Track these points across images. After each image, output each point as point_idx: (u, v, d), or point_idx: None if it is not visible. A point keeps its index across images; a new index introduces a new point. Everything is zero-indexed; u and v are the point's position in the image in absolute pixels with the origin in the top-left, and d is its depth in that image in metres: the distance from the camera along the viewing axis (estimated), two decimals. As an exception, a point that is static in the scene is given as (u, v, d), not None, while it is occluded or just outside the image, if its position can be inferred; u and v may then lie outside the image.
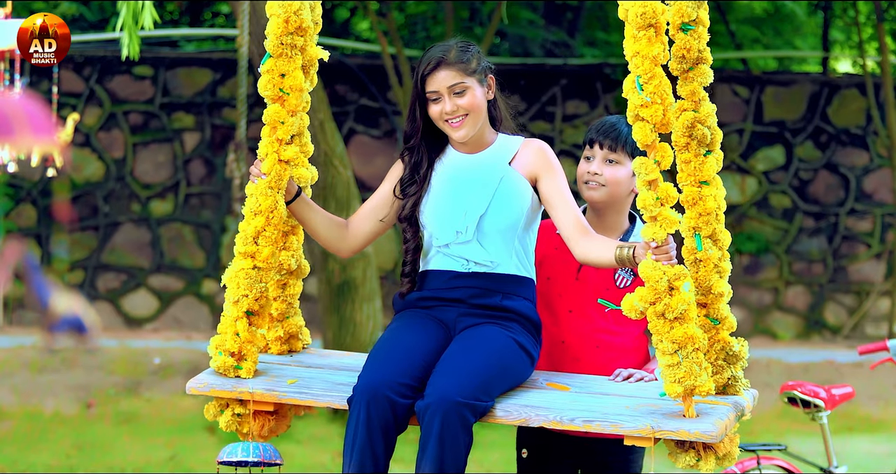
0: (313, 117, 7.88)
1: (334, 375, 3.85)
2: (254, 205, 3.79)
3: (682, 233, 3.68)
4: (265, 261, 3.78)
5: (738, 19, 12.63)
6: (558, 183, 3.94)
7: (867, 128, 11.66)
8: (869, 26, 12.11)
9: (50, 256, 11.10)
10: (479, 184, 3.90)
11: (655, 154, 3.53)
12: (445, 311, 3.88)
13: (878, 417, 9.13)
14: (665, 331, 3.49)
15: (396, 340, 3.77)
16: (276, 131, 3.82)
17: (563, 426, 3.56)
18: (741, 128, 11.62)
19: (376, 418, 3.56)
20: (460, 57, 3.90)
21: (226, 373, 3.76)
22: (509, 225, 3.88)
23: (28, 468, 7.17)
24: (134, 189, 11.18)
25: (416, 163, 3.96)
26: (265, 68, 3.82)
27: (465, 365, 3.62)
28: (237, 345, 3.76)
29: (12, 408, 8.61)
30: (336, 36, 12.16)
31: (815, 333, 11.61)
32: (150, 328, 11.05)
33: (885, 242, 11.70)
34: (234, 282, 3.76)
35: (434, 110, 3.90)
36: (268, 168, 3.79)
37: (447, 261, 3.90)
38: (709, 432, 3.47)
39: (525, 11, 11.66)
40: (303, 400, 3.72)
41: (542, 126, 11.50)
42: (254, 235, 3.78)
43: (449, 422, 3.51)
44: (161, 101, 11.20)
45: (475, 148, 3.96)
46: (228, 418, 3.78)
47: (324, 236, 3.97)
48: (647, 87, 3.50)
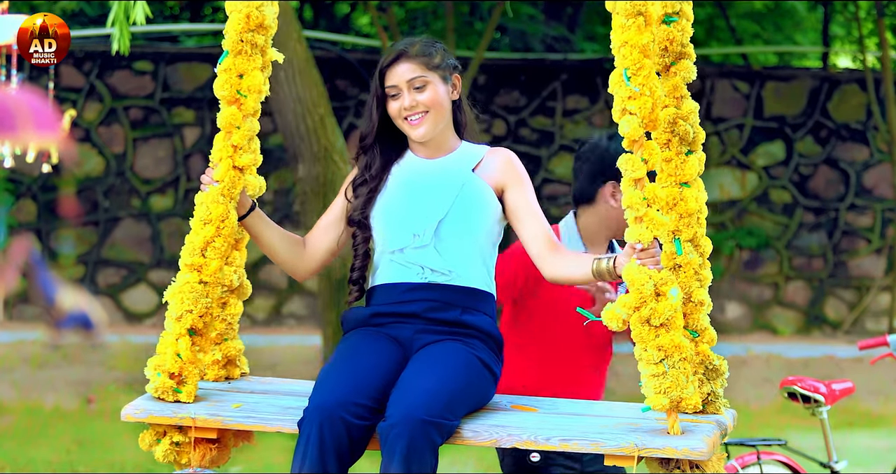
0: (313, 112, 7.88)
1: (281, 400, 3.56)
2: (204, 213, 3.49)
3: (660, 237, 3.45)
4: (212, 275, 3.49)
5: (739, 14, 12.62)
6: (527, 195, 3.64)
7: (867, 123, 11.66)
8: (869, 21, 12.10)
9: (51, 251, 11.10)
10: (439, 188, 3.62)
11: (643, 151, 3.33)
12: (401, 328, 3.56)
13: (878, 412, 9.13)
14: (650, 339, 3.27)
15: (349, 359, 3.46)
16: (230, 136, 3.56)
17: (538, 446, 3.31)
18: (741, 124, 11.61)
19: (330, 440, 3.28)
20: (423, 51, 3.65)
21: (164, 397, 3.45)
22: (470, 232, 3.58)
23: (28, 463, 7.17)
24: (134, 184, 11.18)
25: (367, 163, 3.70)
26: (222, 67, 3.54)
27: (428, 383, 3.34)
28: (178, 366, 3.45)
29: (12, 403, 8.61)
30: (336, 31, 12.15)
31: (816, 328, 11.61)
32: (150, 323, 11.05)
33: (885, 237, 11.70)
34: (178, 297, 3.46)
35: (392, 107, 3.64)
36: (221, 174, 3.52)
37: (400, 271, 3.59)
38: (698, 449, 3.22)
39: (525, 6, 11.65)
40: (249, 424, 3.42)
41: (542, 121, 11.49)
42: (202, 246, 3.49)
43: (415, 443, 3.23)
44: (161, 96, 11.20)
45: (436, 152, 3.68)
46: (166, 447, 3.46)
47: (281, 254, 3.68)
48: (636, 79, 3.30)
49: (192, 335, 3.48)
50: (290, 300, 11.01)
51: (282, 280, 10.91)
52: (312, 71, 7.83)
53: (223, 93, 3.54)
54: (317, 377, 3.47)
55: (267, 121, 10.89)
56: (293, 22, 7.75)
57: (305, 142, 7.91)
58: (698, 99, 3.98)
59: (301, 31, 7.91)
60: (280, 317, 11.03)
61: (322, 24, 12.28)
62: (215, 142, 3.58)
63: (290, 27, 7.57)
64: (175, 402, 3.45)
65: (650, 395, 3.28)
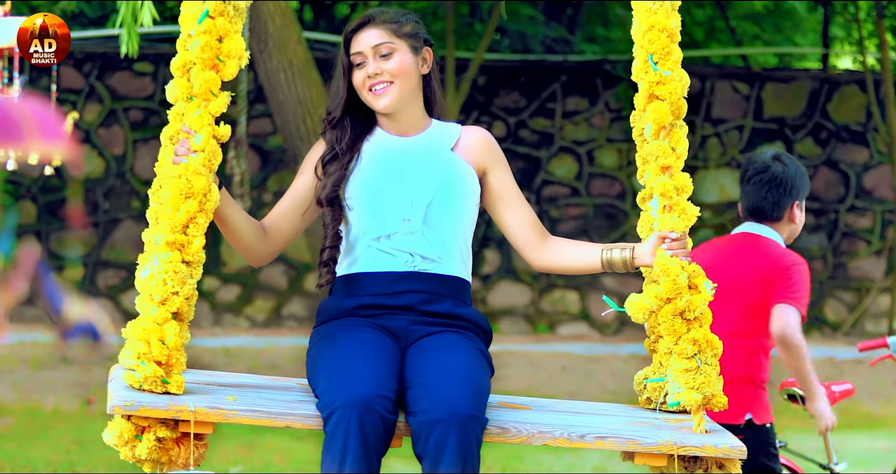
0: (314, 113, 7.88)
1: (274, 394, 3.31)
2: (184, 187, 3.20)
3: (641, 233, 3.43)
4: (195, 254, 3.23)
5: (739, 16, 12.63)
6: (510, 178, 3.49)
7: (867, 124, 11.66)
8: (869, 23, 12.10)
9: (51, 254, 11.09)
10: (421, 168, 3.42)
11: (671, 139, 3.31)
12: (394, 319, 3.37)
13: (878, 414, 9.13)
14: (683, 332, 3.21)
15: (358, 350, 3.24)
16: (208, 104, 3.25)
17: (571, 443, 3.15)
18: (741, 125, 11.61)
19: (372, 435, 3.07)
20: (393, 18, 3.44)
21: (152, 388, 3.12)
22: (457, 216, 3.41)
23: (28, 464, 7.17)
24: (134, 185, 11.18)
25: (336, 137, 3.45)
26: (201, 29, 3.23)
27: (461, 376, 3.17)
28: (165, 354, 3.12)
29: (12, 404, 8.61)
30: (336, 32, 12.15)
31: (815, 330, 11.61)
32: (150, 324, 11.05)
33: (885, 239, 11.70)
34: (160, 279, 3.14)
35: (357, 76, 3.41)
36: (203, 144, 3.22)
37: (384, 259, 3.38)
38: (737, 447, 3.16)
39: (525, 8, 11.65)
40: (257, 419, 3.11)
41: (542, 122, 11.49)
42: (184, 223, 3.21)
43: (465, 440, 3.06)
44: (161, 98, 11.20)
45: (409, 130, 3.47)
46: (151, 445, 3.10)
47: (246, 240, 3.42)
48: (665, 64, 3.26)
49: (175, 319, 3.16)
50: (289, 301, 11.00)
51: (282, 281, 10.91)
52: (312, 72, 7.83)
53: (203, 55, 3.22)
54: (316, 367, 3.27)
55: (267, 122, 10.90)
56: (293, 23, 7.75)
57: (305, 144, 7.91)
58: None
59: (301, 33, 7.92)
60: (280, 318, 11.02)
61: (322, 25, 12.28)
62: (189, 109, 3.26)
63: (290, 28, 7.58)
64: (164, 394, 3.12)
65: (680, 391, 3.21)
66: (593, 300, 11.50)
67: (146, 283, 3.17)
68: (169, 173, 3.25)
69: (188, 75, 3.29)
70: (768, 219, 4.36)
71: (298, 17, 11.18)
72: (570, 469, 7.38)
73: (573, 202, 11.53)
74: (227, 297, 11.03)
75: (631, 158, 11.51)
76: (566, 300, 11.49)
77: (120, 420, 3.15)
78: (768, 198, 4.32)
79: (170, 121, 3.33)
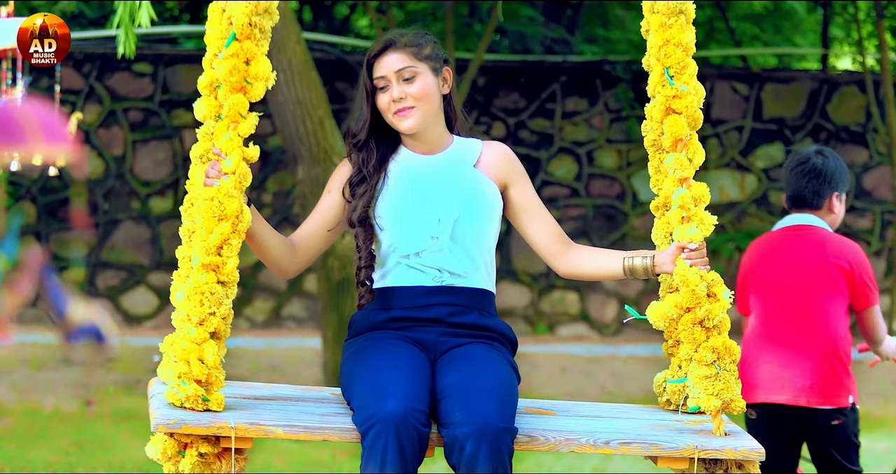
0: (313, 114, 7.88)
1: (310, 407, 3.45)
2: (216, 209, 3.28)
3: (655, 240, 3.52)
4: (230, 274, 3.32)
5: (738, 16, 12.63)
6: (531, 190, 3.62)
7: (867, 125, 11.66)
8: (869, 23, 12.10)
9: (52, 255, 11.09)
10: (446, 186, 3.53)
11: (688, 150, 3.37)
12: (423, 332, 3.49)
13: (877, 415, 9.13)
14: (702, 340, 3.28)
15: (391, 365, 3.34)
16: (237, 126, 3.35)
17: (597, 450, 3.26)
18: (741, 126, 11.62)
19: (409, 448, 3.17)
20: (413, 41, 3.53)
21: (194, 406, 3.24)
22: (481, 232, 3.53)
23: (27, 465, 7.17)
24: (133, 186, 11.18)
25: (363, 159, 3.56)
26: (229, 52, 3.32)
27: (490, 388, 3.27)
28: (204, 373, 3.24)
29: (12, 405, 8.60)
30: (336, 33, 12.15)
31: (815, 330, 11.60)
32: (149, 325, 11.05)
33: (884, 239, 11.70)
34: (197, 300, 3.27)
35: (381, 100, 3.54)
36: (234, 166, 3.30)
37: (413, 275, 3.50)
38: (756, 449, 3.26)
39: (525, 8, 11.65)
40: (296, 434, 3.25)
41: (541, 123, 11.49)
42: (219, 244, 3.29)
43: (497, 451, 3.16)
44: (161, 98, 11.20)
45: (432, 148, 3.60)
46: (194, 460, 3.23)
47: (274, 253, 3.52)
48: (681, 78, 3.31)
49: (212, 338, 3.30)
50: (289, 302, 11.00)
51: (281, 282, 10.90)
52: (312, 73, 7.83)
53: (231, 78, 3.32)
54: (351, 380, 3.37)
55: (266, 123, 10.89)
56: (292, 23, 7.75)
57: (305, 145, 7.91)
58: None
59: (300, 33, 7.91)
60: (279, 319, 11.02)
61: (321, 26, 12.28)
62: (218, 132, 3.37)
63: (290, 29, 7.58)
64: (205, 411, 3.25)
65: (701, 397, 3.29)
66: (593, 301, 11.50)
67: (184, 304, 3.28)
68: (201, 194, 3.34)
69: (215, 93, 3.39)
70: (809, 206, 4.67)
71: (298, 17, 11.18)
72: (570, 469, 7.38)
73: (573, 203, 11.54)
74: (226, 298, 11.04)
75: (631, 159, 11.52)
76: (566, 301, 11.49)
77: (162, 436, 3.24)
78: (808, 187, 4.63)
79: (199, 139, 3.43)
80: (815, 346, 4.62)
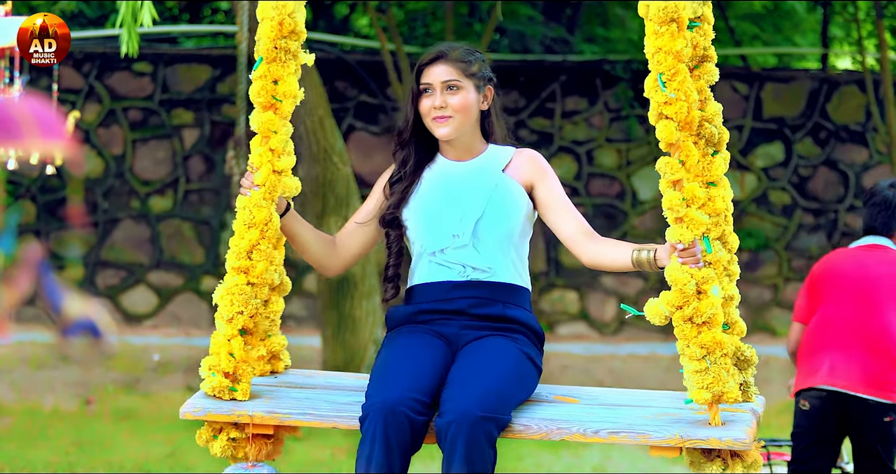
0: (313, 114, 7.89)
1: (333, 395, 3.72)
2: (247, 218, 3.62)
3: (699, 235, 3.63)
4: (259, 276, 3.62)
5: (738, 16, 12.63)
6: (555, 188, 3.82)
7: (866, 124, 11.66)
8: (868, 23, 12.10)
9: (51, 253, 11.09)
10: (473, 188, 3.78)
11: (680, 153, 3.46)
12: (446, 325, 3.72)
13: None
14: (692, 336, 3.41)
15: (402, 356, 3.61)
16: (268, 141, 3.65)
17: (587, 438, 3.46)
18: (740, 125, 11.62)
19: (394, 436, 3.40)
20: (463, 57, 3.80)
21: (220, 396, 3.60)
22: (505, 231, 3.75)
23: (27, 465, 7.17)
24: (133, 185, 11.18)
25: (404, 159, 3.83)
26: (257, 74, 3.64)
27: (481, 379, 3.48)
28: (232, 365, 3.60)
29: (11, 405, 8.61)
30: (335, 32, 12.15)
31: (815, 330, 11.61)
32: (149, 324, 11.05)
33: (884, 239, 11.70)
34: (228, 299, 3.60)
35: (424, 104, 3.79)
36: (263, 178, 3.63)
37: (441, 271, 3.75)
38: (741, 440, 3.39)
39: (524, 8, 11.65)
40: (307, 421, 3.58)
41: (541, 122, 11.50)
42: (248, 249, 3.62)
43: (474, 439, 3.36)
44: (160, 98, 11.20)
45: (465, 155, 3.84)
46: (223, 443, 3.63)
47: (314, 252, 3.82)
48: (672, 84, 3.41)
49: (242, 335, 3.62)
50: (289, 301, 10.97)
51: (281, 281, 10.90)
52: (312, 73, 7.83)
53: (259, 99, 3.62)
54: (371, 372, 3.61)
55: (266, 122, 10.92)
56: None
57: (304, 144, 7.92)
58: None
59: (300, 33, 7.91)
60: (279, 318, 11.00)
61: (321, 26, 12.27)
62: (253, 146, 3.67)
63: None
64: (231, 400, 3.59)
65: (693, 390, 3.42)
66: (592, 300, 11.51)
67: (219, 303, 3.62)
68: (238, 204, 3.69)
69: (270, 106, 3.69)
70: (880, 234, 5.12)
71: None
72: (570, 469, 7.38)
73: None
74: (226, 297, 11.05)
75: (630, 158, 11.52)
76: (565, 300, 11.50)
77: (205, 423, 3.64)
78: (878, 218, 5.10)
79: None
80: (876, 346, 5.00)
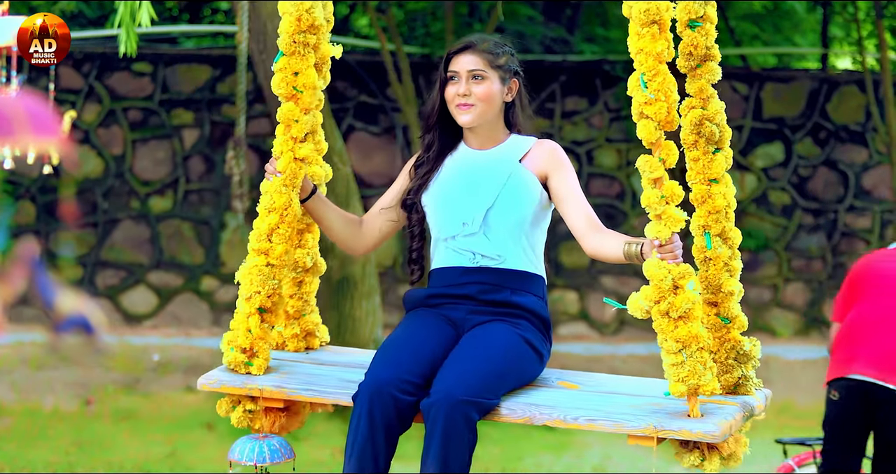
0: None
1: (345, 372, 3.86)
2: (268, 202, 3.80)
3: (692, 231, 3.69)
4: (278, 258, 3.80)
5: (738, 16, 12.63)
6: (569, 180, 3.89)
7: (866, 124, 11.66)
8: (868, 23, 12.10)
9: (50, 253, 11.10)
10: (488, 177, 3.88)
11: (660, 152, 3.51)
12: (454, 309, 3.84)
13: (877, 414, 9.12)
14: (669, 330, 3.48)
15: (405, 338, 3.74)
16: (290, 129, 3.85)
17: (566, 424, 3.56)
18: (740, 125, 11.62)
19: (379, 415, 3.54)
20: (491, 49, 3.92)
21: (237, 370, 3.80)
22: (516, 220, 3.84)
23: (27, 465, 7.17)
24: (133, 186, 11.18)
25: (428, 143, 3.98)
26: (278, 66, 3.83)
27: (470, 364, 3.59)
28: (249, 341, 3.79)
29: (11, 405, 8.61)
30: (335, 32, 12.13)
31: (814, 330, 11.62)
32: (149, 325, 11.05)
33: (884, 239, 11.70)
34: (247, 279, 3.79)
35: (449, 91, 3.91)
36: (283, 166, 3.81)
37: (454, 256, 3.87)
38: (711, 432, 3.46)
39: (524, 8, 11.65)
40: (310, 396, 3.75)
41: (540, 122, 11.49)
42: (267, 232, 3.80)
43: (453, 421, 3.48)
44: (160, 98, 11.20)
45: (486, 144, 3.96)
46: (240, 415, 3.83)
47: (339, 234, 3.98)
48: (652, 85, 3.48)
49: (261, 313, 3.78)
50: (289, 301, 10.99)
51: (281, 281, 10.90)
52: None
53: (280, 90, 3.84)
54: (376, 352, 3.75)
55: (266, 122, 10.91)
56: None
57: (304, 144, 7.90)
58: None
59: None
60: (279, 318, 11.01)
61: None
62: (276, 135, 3.84)
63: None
64: (246, 375, 3.79)
65: (670, 383, 3.51)
66: (592, 300, 11.50)
67: (240, 282, 3.81)
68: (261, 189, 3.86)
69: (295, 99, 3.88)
70: None
71: (297, 17, 11.15)
72: (570, 469, 7.38)
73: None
74: (226, 297, 11.04)
75: (630, 158, 11.51)
76: (565, 300, 11.50)
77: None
78: None
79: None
80: None
